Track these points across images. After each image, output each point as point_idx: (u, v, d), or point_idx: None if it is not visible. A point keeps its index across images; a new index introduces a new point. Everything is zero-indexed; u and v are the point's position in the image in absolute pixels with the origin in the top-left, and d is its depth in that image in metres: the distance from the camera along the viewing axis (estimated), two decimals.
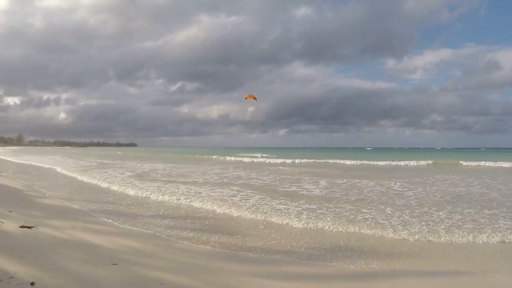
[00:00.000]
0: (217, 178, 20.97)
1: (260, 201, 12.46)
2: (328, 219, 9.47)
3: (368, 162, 39.56)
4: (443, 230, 8.38)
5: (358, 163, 39.34)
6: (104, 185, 17.01)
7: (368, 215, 10.04)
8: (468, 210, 10.72)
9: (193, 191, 14.75)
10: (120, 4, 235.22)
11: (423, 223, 9.12)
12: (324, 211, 10.55)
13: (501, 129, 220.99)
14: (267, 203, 11.92)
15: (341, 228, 8.66)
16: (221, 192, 14.64)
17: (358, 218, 9.74)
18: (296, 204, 11.81)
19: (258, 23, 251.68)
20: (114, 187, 16.16)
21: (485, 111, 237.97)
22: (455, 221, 9.35)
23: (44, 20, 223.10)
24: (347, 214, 10.25)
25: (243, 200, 12.58)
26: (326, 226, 8.81)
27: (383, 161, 39.96)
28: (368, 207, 11.21)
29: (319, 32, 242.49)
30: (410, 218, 9.68)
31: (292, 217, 9.74)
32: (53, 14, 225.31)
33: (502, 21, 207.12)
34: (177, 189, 15.53)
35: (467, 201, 12.44)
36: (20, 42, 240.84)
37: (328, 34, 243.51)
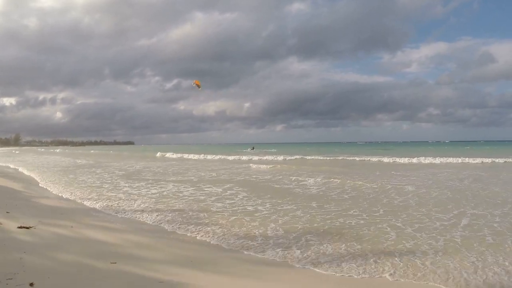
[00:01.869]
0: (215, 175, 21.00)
1: (238, 201, 12.14)
2: (299, 223, 8.62)
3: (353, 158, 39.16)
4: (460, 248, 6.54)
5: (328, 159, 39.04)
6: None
7: (351, 220, 8.95)
8: (473, 211, 9.81)
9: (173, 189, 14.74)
10: (114, 4, 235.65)
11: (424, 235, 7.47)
12: (299, 214, 9.89)
13: (497, 122, 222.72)
14: (243, 204, 11.61)
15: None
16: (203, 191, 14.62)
17: (336, 224, 8.64)
18: (272, 202, 11.67)
19: (252, 19, 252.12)
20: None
21: (481, 103, 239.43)
22: (466, 230, 7.83)
23: (39, 21, 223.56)
24: (320, 219, 9.19)
25: (222, 199, 12.52)
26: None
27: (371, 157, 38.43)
28: (357, 208, 10.42)
29: (313, 27, 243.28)
30: (403, 226, 8.25)
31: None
32: (47, 15, 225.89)
33: (495, 14, 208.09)
34: (163, 188, 15.54)
35: (470, 199, 11.77)
36: (15, 43, 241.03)
37: (322, 30, 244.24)
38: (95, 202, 12.29)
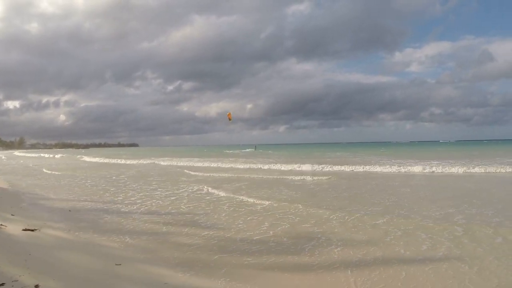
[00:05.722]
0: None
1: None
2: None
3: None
4: None
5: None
6: None
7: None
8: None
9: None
10: (113, 9, 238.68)
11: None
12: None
13: (501, 120, 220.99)
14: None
15: None
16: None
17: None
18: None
19: (251, 21, 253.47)
20: None
21: (483, 102, 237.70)
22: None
23: (40, 26, 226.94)
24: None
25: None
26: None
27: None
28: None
29: (311, 28, 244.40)
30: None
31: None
32: (48, 20, 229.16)
33: (495, 12, 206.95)
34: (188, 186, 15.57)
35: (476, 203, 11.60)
36: (17, 48, 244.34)
37: (320, 30, 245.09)
38: (96, 204, 12.32)
